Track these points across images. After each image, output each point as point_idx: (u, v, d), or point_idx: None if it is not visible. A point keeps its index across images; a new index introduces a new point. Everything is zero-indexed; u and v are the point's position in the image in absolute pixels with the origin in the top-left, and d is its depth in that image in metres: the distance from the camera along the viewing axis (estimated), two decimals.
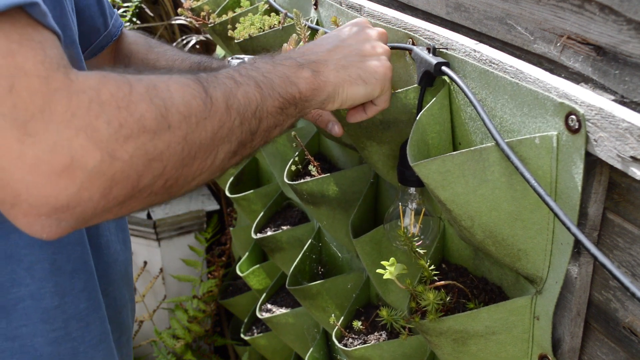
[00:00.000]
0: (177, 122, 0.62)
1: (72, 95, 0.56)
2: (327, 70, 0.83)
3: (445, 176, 0.75)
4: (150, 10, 2.49)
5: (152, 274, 2.50)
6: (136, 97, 0.60)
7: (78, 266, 0.89)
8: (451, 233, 0.98)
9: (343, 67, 0.84)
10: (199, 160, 0.66)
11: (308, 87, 0.79)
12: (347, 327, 1.23)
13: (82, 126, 0.56)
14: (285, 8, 1.37)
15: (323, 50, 0.85)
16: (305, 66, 0.81)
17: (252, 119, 0.72)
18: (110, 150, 0.57)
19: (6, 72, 0.53)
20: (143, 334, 2.47)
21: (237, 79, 0.72)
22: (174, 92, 0.64)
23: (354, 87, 0.84)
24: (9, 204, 0.56)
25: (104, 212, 0.60)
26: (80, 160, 0.55)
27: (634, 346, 0.72)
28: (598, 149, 0.65)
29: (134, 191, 0.60)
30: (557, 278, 0.76)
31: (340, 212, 1.23)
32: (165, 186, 0.64)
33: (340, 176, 1.21)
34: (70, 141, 0.55)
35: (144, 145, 0.59)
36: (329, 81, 0.82)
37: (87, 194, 0.57)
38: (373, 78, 0.86)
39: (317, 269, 1.47)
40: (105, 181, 0.57)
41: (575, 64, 0.74)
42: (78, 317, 0.90)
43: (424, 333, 0.87)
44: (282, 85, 0.76)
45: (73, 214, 0.58)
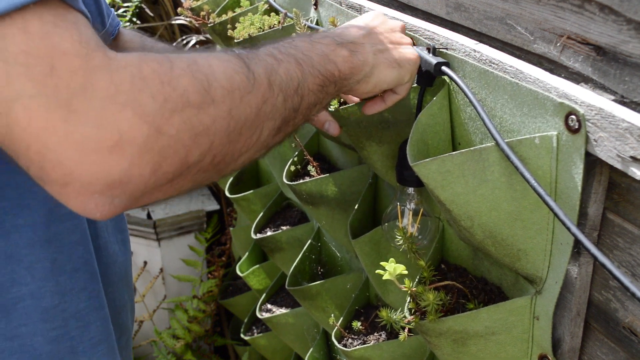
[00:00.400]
0: (220, 97, 0.62)
1: (114, 71, 0.56)
2: (365, 51, 0.83)
3: (445, 176, 0.75)
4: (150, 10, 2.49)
5: (152, 274, 2.50)
6: (178, 72, 0.59)
7: (79, 265, 0.89)
8: (450, 233, 0.98)
9: (379, 50, 0.85)
10: (244, 136, 0.65)
11: (346, 66, 0.80)
12: (346, 327, 1.23)
13: (126, 101, 0.55)
14: (285, 8, 1.37)
15: (358, 34, 0.86)
16: (343, 45, 0.81)
17: (294, 96, 0.71)
18: (157, 125, 0.57)
19: (45, 54, 0.53)
20: (143, 334, 2.47)
21: (277, 56, 0.72)
22: (216, 67, 0.63)
23: (389, 69, 0.85)
24: (60, 184, 0.56)
25: (154, 189, 0.60)
26: (128, 135, 0.55)
27: (634, 346, 0.72)
28: (598, 149, 0.65)
29: (183, 167, 0.60)
30: (557, 278, 0.76)
31: (339, 213, 1.22)
32: (214, 162, 0.63)
33: (339, 176, 1.21)
34: (116, 116, 0.55)
35: (190, 119, 0.59)
36: (367, 61, 0.83)
37: (138, 170, 0.57)
38: (406, 63, 0.87)
39: (317, 269, 1.47)
40: (154, 156, 0.57)
41: (575, 64, 0.74)
42: (77, 316, 0.90)
43: (423, 333, 0.87)
44: (321, 63, 0.76)
45: (125, 190, 0.57)
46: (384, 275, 0.83)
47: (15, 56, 0.53)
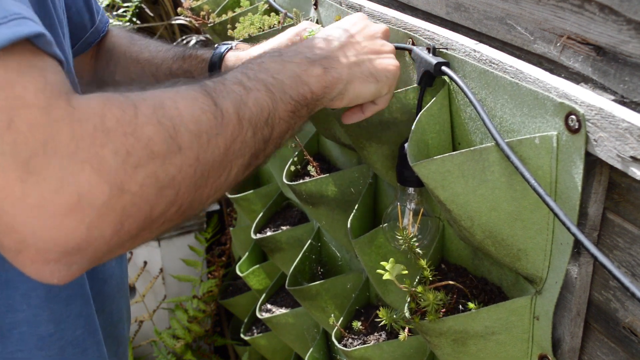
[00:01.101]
0: (188, 143, 0.58)
1: (75, 124, 0.52)
2: (339, 66, 0.79)
3: (445, 176, 0.75)
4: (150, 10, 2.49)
5: (152, 274, 2.50)
6: (142, 119, 0.56)
7: (74, 292, 0.86)
8: (450, 233, 0.98)
9: (355, 63, 0.81)
10: (212, 179, 0.62)
11: (319, 86, 0.76)
12: (346, 327, 1.23)
13: (87, 158, 0.51)
14: (285, 8, 1.37)
15: (333, 46, 0.82)
16: (316, 62, 0.77)
17: (264, 127, 0.68)
18: (119, 183, 0.53)
19: (5, 105, 0.49)
20: (143, 334, 2.47)
21: (245, 84, 0.68)
22: (182, 109, 0.59)
23: (365, 84, 0.82)
24: (14, 251, 0.52)
25: (116, 248, 0.56)
26: (87, 197, 0.51)
27: (634, 346, 0.72)
28: (598, 149, 0.65)
29: (147, 222, 0.56)
30: (557, 278, 0.76)
31: (339, 213, 1.22)
32: (180, 211, 0.60)
33: (339, 176, 1.21)
34: (76, 176, 0.51)
35: (155, 172, 0.55)
36: (341, 78, 0.79)
37: (98, 232, 0.53)
38: (384, 76, 0.84)
39: (317, 269, 1.47)
40: (116, 216, 0.53)
41: (575, 64, 0.74)
42: (74, 343, 0.87)
43: (423, 333, 0.87)
44: (293, 86, 0.73)
45: (84, 256, 0.54)
46: (384, 275, 0.83)
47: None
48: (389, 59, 0.86)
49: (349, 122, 0.92)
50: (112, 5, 2.45)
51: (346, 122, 0.91)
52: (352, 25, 0.88)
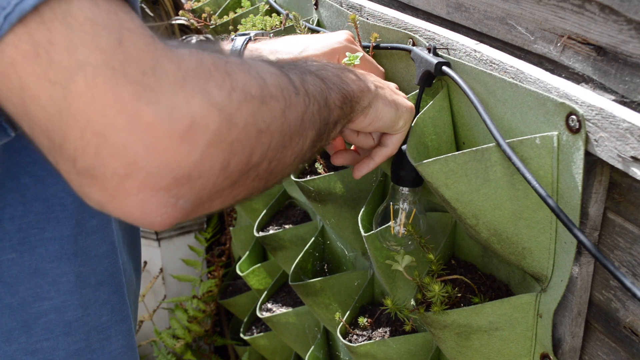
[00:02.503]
0: (275, 95, 0.58)
1: (178, 58, 0.51)
2: (368, 81, 0.81)
3: (448, 175, 0.76)
4: (150, 10, 2.49)
5: (152, 274, 2.50)
6: (234, 67, 0.55)
7: (104, 278, 0.85)
8: (462, 230, 0.99)
9: (380, 87, 0.83)
10: (294, 142, 0.62)
11: (356, 87, 0.76)
12: (351, 323, 1.23)
13: (196, 88, 0.50)
14: (285, 9, 1.37)
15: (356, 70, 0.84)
16: (350, 71, 0.78)
17: (324, 108, 0.68)
18: (228, 114, 0.52)
19: (113, 26, 0.48)
20: (143, 334, 2.47)
21: (302, 69, 0.69)
22: (262, 67, 0.60)
23: (387, 106, 0.82)
24: (120, 175, 0.48)
25: (218, 193, 0.54)
26: (201, 122, 0.50)
27: (634, 346, 0.72)
28: (599, 149, 0.65)
29: (246, 168, 0.55)
30: (562, 276, 0.76)
31: (347, 210, 1.22)
32: (269, 168, 0.59)
33: (347, 174, 1.21)
34: (188, 101, 0.49)
35: (254, 113, 0.55)
36: (370, 89, 0.80)
37: (209, 163, 0.51)
38: (403, 107, 0.85)
39: (320, 267, 1.47)
40: (225, 149, 0.52)
41: (576, 64, 0.74)
42: (99, 329, 0.86)
43: (428, 325, 0.87)
44: (336, 82, 0.73)
45: (193, 188, 0.51)
46: (394, 265, 0.83)
47: (81, 23, 0.47)
48: (404, 98, 0.88)
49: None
50: None
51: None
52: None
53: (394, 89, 0.88)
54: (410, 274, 0.84)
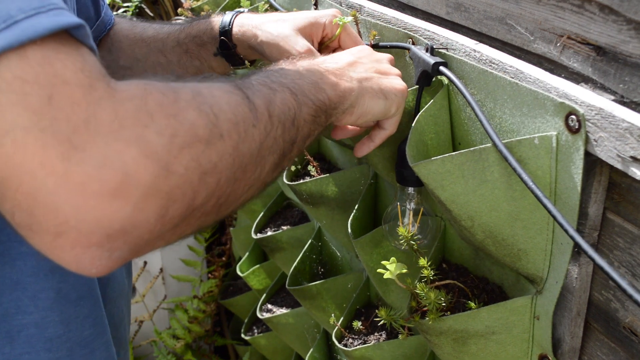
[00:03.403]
0: (227, 131, 0.57)
1: (117, 104, 0.50)
2: (350, 78, 0.80)
3: (444, 176, 0.75)
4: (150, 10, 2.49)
5: (152, 274, 2.50)
6: (183, 104, 0.54)
7: (83, 293, 0.85)
8: (452, 233, 0.98)
9: (365, 79, 0.82)
10: (249, 172, 0.61)
11: (335, 94, 0.76)
12: (347, 327, 1.23)
13: (132, 138, 0.49)
14: (285, 8, 1.37)
15: (342, 62, 0.83)
16: (329, 72, 0.78)
17: (291, 128, 0.67)
18: (165, 163, 0.51)
19: (44, 81, 0.47)
20: (143, 334, 2.47)
21: (270, 85, 0.68)
22: (219, 98, 0.59)
23: (374, 99, 0.82)
24: (52, 234, 0.49)
25: (158, 238, 0.54)
26: (134, 176, 0.49)
27: (634, 346, 0.72)
28: (598, 149, 0.65)
29: (189, 211, 0.54)
30: (558, 278, 0.76)
31: (339, 213, 1.22)
32: (218, 204, 0.58)
33: (339, 176, 1.21)
34: (121, 155, 0.49)
35: (198, 156, 0.54)
36: (353, 89, 0.80)
37: (144, 216, 0.50)
38: (392, 94, 0.84)
39: (317, 269, 1.47)
40: (161, 199, 0.51)
41: (575, 64, 0.74)
42: (83, 343, 0.86)
43: (424, 332, 0.87)
44: (312, 92, 0.73)
45: (127, 241, 0.51)
46: (385, 274, 0.83)
47: (9, 83, 0.47)
48: (396, 79, 0.87)
49: (362, 154, 0.91)
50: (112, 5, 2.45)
51: (358, 154, 0.91)
52: (358, 52, 0.89)
53: (384, 71, 0.86)
54: (402, 281, 0.83)
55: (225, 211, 0.61)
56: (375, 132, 0.90)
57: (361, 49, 0.91)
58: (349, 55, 0.86)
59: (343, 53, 0.88)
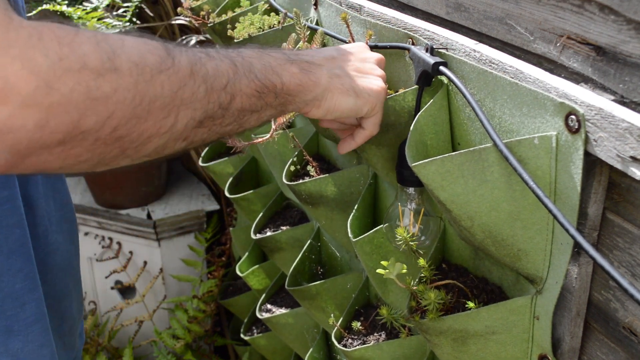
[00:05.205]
0: (126, 68, 0.61)
1: (11, 29, 0.55)
2: (320, 72, 0.82)
3: (444, 177, 0.75)
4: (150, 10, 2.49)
5: (152, 274, 2.50)
6: (81, 38, 0.59)
7: (15, 248, 0.90)
8: (451, 233, 0.98)
9: (337, 75, 0.83)
10: (154, 116, 0.64)
11: (292, 81, 0.78)
12: (346, 327, 1.23)
13: (18, 55, 0.54)
14: (285, 8, 1.37)
15: (320, 56, 0.85)
16: (295, 63, 0.80)
17: (221, 92, 0.70)
18: (47, 80, 0.55)
19: None
20: (143, 334, 2.47)
21: (211, 54, 0.71)
22: (128, 43, 0.62)
23: (343, 96, 0.83)
24: None
25: (42, 149, 0.58)
26: (14, 85, 0.54)
27: (633, 346, 0.72)
28: (598, 149, 0.65)
29: (76, 131, 0.59)
30: (557, 278, 0.76)
31: (339, 213, 1.22)
32: (115, 135, 0.62)
33: (339, 177, 1.21)
34: (4, 67, 0.54)
35: (86, 82, 0.58)
36: (318, 82, 0.81)
37: (20, 121, 0.55)
38: (365, 93, 0.85)
39: (317, 269, 1.47)
40: (40, 111, 0.56)
41: (575, 64, 0.73)
42: (14, 296, 0.91)
43: (423, 332, 0.87)
44: (262, 71, 0.75)
45: (4, 141, 0.56)
46: (385, 274, 0.83)
47: None
48: (375, 79, 0.87)
49: (344, 152, 0.94)
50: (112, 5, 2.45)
51: (341, 152, 0.94)
52: (349, 48, 0.90)
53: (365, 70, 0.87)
54: (402, 281, 0.83)
55: (130, 147, 0.64)
56: (357, 131, 0.91)
57: (353, 46, 0.91)
58: (333, 51, 0.87)
59: (330, 48, 0.89)
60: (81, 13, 2.25)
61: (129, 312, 2.47)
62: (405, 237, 0.86)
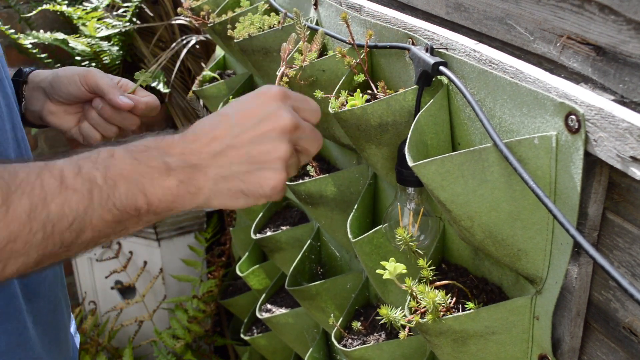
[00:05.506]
0: None
1: None
2: (203, 179, 0.73)
3: (444, 177, 0.75)
4: (150, 10, 2.49)
5: (152, 274, 2.50)
6: None
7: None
8: (451, 233, 0.98)
9: (224, 178, 0.74)
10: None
11: (165, 199, 0.71)
12: (346, 327, 1.23)
13: None
14: (285, 8, 1.37)
15: (208, 152, 0.74)
16: (174, 173, 0.72)
17: (65, 232, 0.67)
18: None
19: None
20: (143, 334, 2.47)
21: (67, 180, 0.67)
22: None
23: (232, 200, 0.75)
24: None
25: None
26: None
27: (633, 346, 0.72)
28: (598, 149, 0.65)
29: None
30: (557, 278, 0.76)
31: (339, 213, 1.22)
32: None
33: (339, 177, 1.21)
34: None
35: None
36: (200, 193, 0.73)
37: None
38: (257, 192, 0.75)
39: (317, 269, 1.47)
40: None
41: (575, 64, 0.73)
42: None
43: (423, 333, 0.87)
44: (126, 193, 0.69)
45: None
46: (384, 275, 0.83)
47: None
48: (270, 171, 0.75)
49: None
50: (112, 5, 2.45)
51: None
52: (255, 110, 0.76)
53: (261, 157, 0.74)
54: (401, 282, 0.83)
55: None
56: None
57: (256, 107, 0.77)
58: (229, 131, 0.75)
59: (231, 119, 0.76)
60: (81, 13, 2.25)
61: (129, 312, 2.47)
62: (404, 237, 0.86)
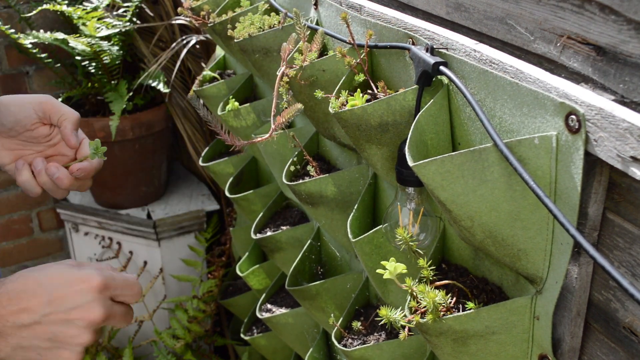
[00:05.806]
0: None
1: None
2: (4, 344, 0.83)
3: (444, 177, 0.75)
4: (150, 10, 2.49)
5: (152, 274, 2.50)
6: None
7: None
8: (451, 233, 0.98)
9: (23, 348, 0.83)
10: None
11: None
12: (346, 327, 1.23)
13: None
14: (285, 8, 1.37)
15: (14, 322, 0.83)
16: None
17: None
18: None
19: None
20: (143, 334, 2.47)
21: None
22: None
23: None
24: None
25: None
26: None
27: (634, 346, 0.72)
28: (598, 149, 0.65)
29: None
30: (557, 278, 0.76)
31: (339, 213, 1.22)
32: None
33: (339, 177, 1.21)
34: None
35: None
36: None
37: None
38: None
39: (317, 269, 1.47)
40: None
41: (575, 64, 0.73)
42: None
43: (423, 333, 0.87)
44: None
45: None
46: (385, 275, 0.83)
47: None
48: (67, 352, 0.85)
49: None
50: (112, 5, 2.45)
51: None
52: (64, 300, 0.85)
53: (65, 339, 0.86)
54: (401, 281, 0.83)
55: None
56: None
57: (86, 290, 0.86)
58: (28, 317, 0.84)
59: (29, 309, 0.84)
60: (81, 13, 2.25)
61: None
62: (404, 237, 0.86)
